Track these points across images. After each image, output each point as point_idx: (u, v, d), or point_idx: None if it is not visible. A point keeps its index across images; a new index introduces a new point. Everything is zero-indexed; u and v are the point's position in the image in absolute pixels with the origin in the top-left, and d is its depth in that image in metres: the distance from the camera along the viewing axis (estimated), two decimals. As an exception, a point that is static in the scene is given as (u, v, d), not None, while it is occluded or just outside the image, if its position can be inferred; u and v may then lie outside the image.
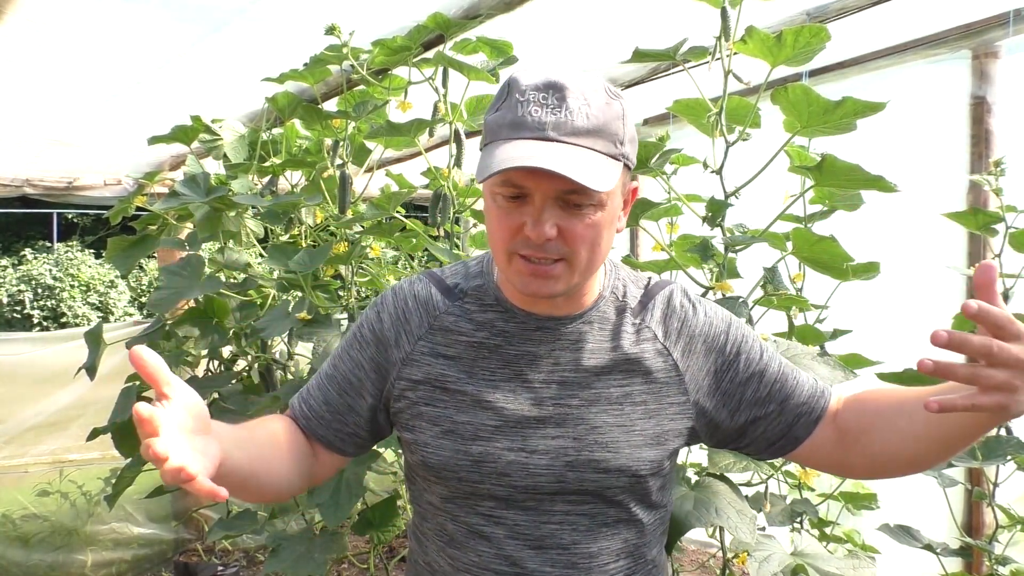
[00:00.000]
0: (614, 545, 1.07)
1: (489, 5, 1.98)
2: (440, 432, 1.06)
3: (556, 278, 0.99)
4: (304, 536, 2.10)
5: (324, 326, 2.03)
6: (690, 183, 1.91)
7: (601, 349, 1.07)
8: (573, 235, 0.96)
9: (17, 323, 9.58)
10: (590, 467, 1.04)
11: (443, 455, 1.05)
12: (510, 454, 1.04)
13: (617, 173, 0.95)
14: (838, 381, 1.44)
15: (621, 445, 1.04)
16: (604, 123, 0.95)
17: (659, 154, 1.66)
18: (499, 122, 0.96)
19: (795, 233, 1.64)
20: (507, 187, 0.96)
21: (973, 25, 2.33)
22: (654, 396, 1.07)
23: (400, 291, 1.14)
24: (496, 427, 1.05)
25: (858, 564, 1.51)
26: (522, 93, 0.95)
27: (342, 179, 2.22)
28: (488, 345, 1.08)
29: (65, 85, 2.67)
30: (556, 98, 0.94)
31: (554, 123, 0.93)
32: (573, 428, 1.04)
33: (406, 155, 3.54)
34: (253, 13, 2.16)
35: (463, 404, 1.06)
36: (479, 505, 1.07)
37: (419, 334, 1.10)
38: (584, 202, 0.95)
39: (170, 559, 3.53)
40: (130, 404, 2.37)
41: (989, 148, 2.37)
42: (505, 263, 1.01)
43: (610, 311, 1.10)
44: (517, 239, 0.98)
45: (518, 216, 0.97)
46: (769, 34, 1.50)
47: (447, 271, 1.16)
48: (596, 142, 0.94)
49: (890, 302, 2.46)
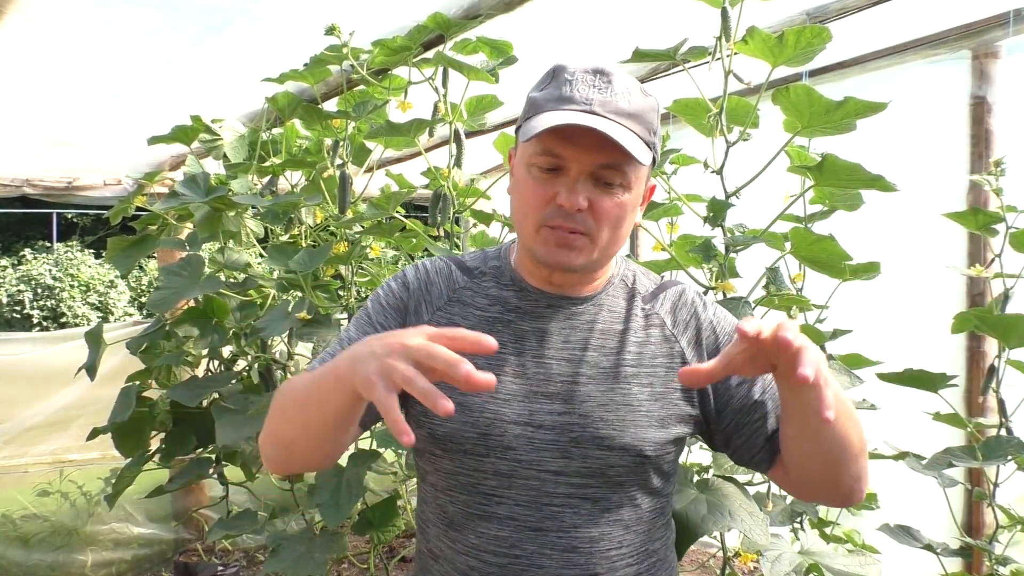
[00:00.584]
0: (615, 532, 1.07)
1: (489, 5, 1.98)
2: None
3: (579, 250, 1.03)
4: (304, 536, 2.10)
5: (324, 326, 2.03)
6: (690, 183, 1.91)
7: (611, 330, 1.11)
8: (601, 211, 1.02)
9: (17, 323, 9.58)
10: (594, 443, 1.05)
11: (450, 426, 1.06)
12: (516, 427, 1.05)
13: (649, 158, 1.02)
14: (844, 386, 1.44)
15: (627, 424, 1.06)
16: (643, 111, 1.02)
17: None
18: (546, 97, 1.03)
19: (794, 233, 1.64)
20: (546, 157, 1.01)
21: (973, 25, 2.33)
22: (660, 379, 1.09)
23: (422, 267, 1.18)
24: (504, 400, 1.06)
25: (864, 561, 1.51)
26: (571, 74, 1.03)
27: (342, 179, 2.21)
28: (501, 320, 1.11)
29: (65, 85, 2.67)
30: (603, 81, 1.01)
31: (601, 100, 1.00)
32: (580, 405, 1.06)
33: (406, 155, 3.54)
34: (253, 13, 2.16)
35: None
36: (482, 483, 1.07)
37: (438, 305, 1.13)
38: (615, 180, 1.01)
39: (170, 559, 3.53)
40: (130, 404, 2.38)
41: (989, 148, 2.37)
42: (532, 233, 1.05)
43: (620, 295, 1.14)
44: (548, 208, 1.02)
45: (551, 187, 1.02)
46: (771, 34, 1.50)
47: (466, 256, 1.21)
48: (636, 126, 1.01)
49: (890, 302, 2.46)
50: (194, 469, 2.47)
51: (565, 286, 1.11)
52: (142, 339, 2.50)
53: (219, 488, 2.97)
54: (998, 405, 1.98)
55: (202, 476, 2.51)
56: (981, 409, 2.23)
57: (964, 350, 2.38)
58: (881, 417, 1.94)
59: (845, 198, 1.76)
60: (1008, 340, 1.81)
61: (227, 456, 2.51)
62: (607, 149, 0.98)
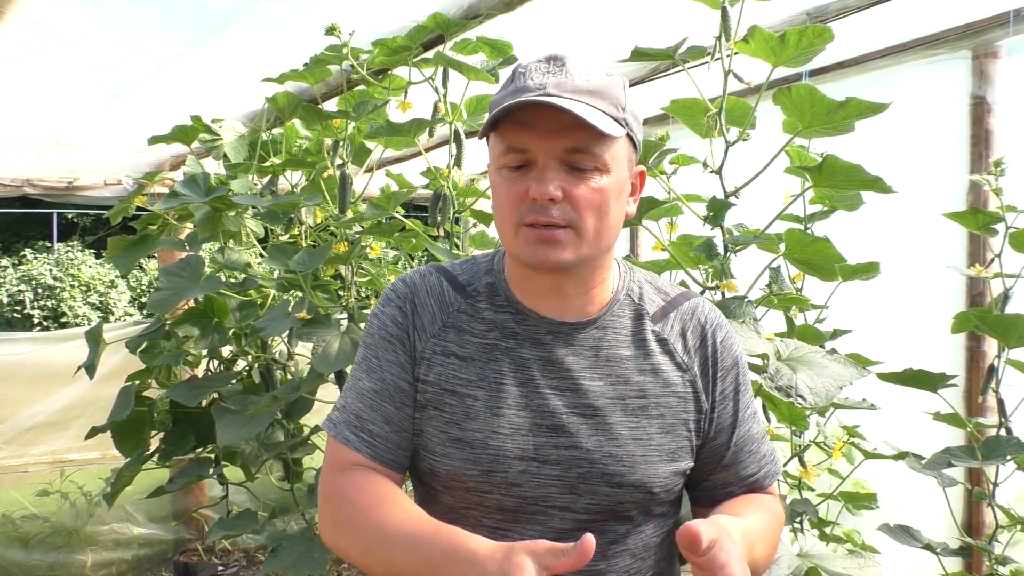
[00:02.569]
0: (623, 562, 1.04)
1: (489, 5, 1.98)
2: (448, 440, 1.02)
3: (564, 244, 0.97)
4: (304, 536, 2.10)
5: (324, 326, 2.03)
6: (690, 183, 1.91)
7: (617, 357, 1.05)
8: (577, 199, 0.96)
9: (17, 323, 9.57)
10: (603, 481, 1.00)
11: (451, 464, 1.01)
12: (520, 463, 1.00)
13: (619, 132, 0.96)
14: (852, 378, 1.44)
15: (637, 460, 1.01)
16: (605, 87, 0.97)
17: (658, 153, 1.65)
18: (503, 95, 0.98)
19: (788, 235, 1.63)
20: (511, 154, 0.97)
21: (973, 25, 2.33)
22: (671, 410, 1.05)
23: (412, 284, 1.10)
24: (507, 435, 1.01)
25: (863, 563, 1.51)
26: (525, 67, 0.99)
27: (342, 179, 2.21)
28: (500, 347, 1.04)
29: (65, 85, 2.67)
30: (556, 65, 0.97)
31: (556, 83, 0.95)
32: (587, 439, 1.01)
33: (406, 155, 3.54)
34: (253, 13, 2.16)
35: (472, 409, 1.02)
36: (485, 517, 1.03)
37: (432, 332, 1.06)
38: (588, 164, 0.96)
39: (170, 559, 3.53)
40: (130, 403, 2.38)
41: (989, 148, 2.37)
42: (512, 237, 0.99)
43: (626, 316, 1.07)
44: (522, 206, 0.97)
45: (523, 183, 0.97)
46: (772, 34, 1.50)
47: (456, 267, 1.13)
48: (597, 101, 0.95)
49: (890, 302, 2.47)
50: (194, 469, 2.47)
51: (563, 307, 1.04)
52: (142, 339, 2.50)
53: (219, 488, 2.97)
54: (998, 405, 1.98)
55: (202, 476, 2.51)
56: (981, 409, 2.23)
57: (964, 350, 2.38)
58: (881, 417, 1.94)
59: (845, 198, 1.76)
60: (1007, 340, 1.81)
61: (227, 456, 2.51)
62: (570, 130, 0.93)
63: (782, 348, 1.51)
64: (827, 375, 1.42)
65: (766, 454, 1.14)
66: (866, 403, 1.85)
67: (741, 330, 1.47)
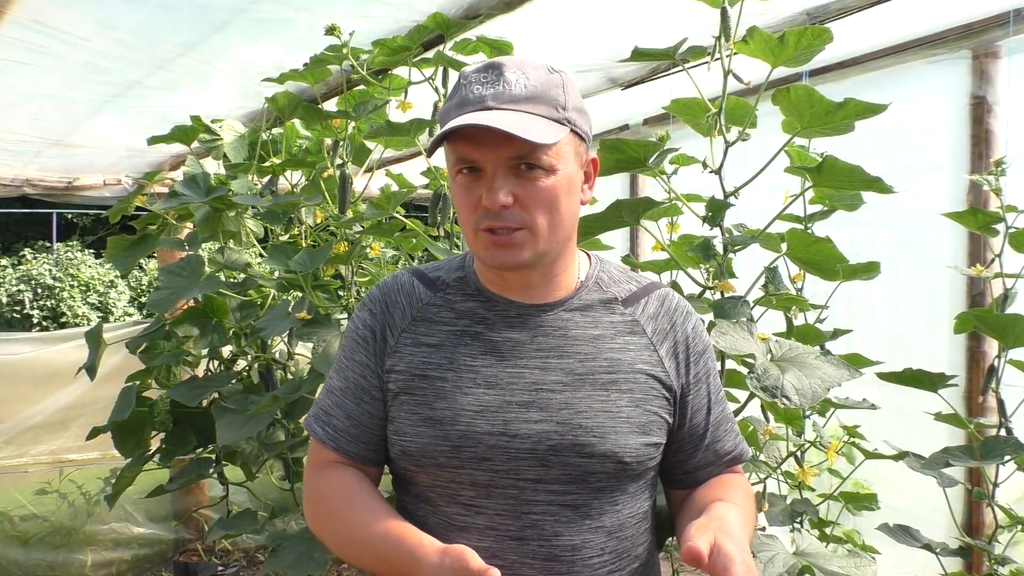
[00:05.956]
0: (597, 539, 1.07)
1: (489, 5, 1.98)
2: (419, 420, 1.07)
3: (520, 246, 1.03)
4: (304, 536, 2.10)
5: (324, 326, 2.03)
6: (690, 183, 1.91)
7: (586, 336, 1.10)
8: (527, 200, 1.01)
9: (17, 323, 9.56)
10: (574, 451, 1.04)
11: (421, 442, 1.06)
12: (491, 438, 1.04)
13: (559, 134, 1.00)
14: (844, 379, 1.43)
15: (607, 430, 1.05)
16: (543, 91, 1.01)
17: (657, 153, 1.65)
18: (448, 108, 1.04)
19: (790, 234, 1.63)
20: (461, 164, 1.03)
21: (973, 25, 2.33)
22: (639, 386, 1.09)
23: (383, 286, 1.17)
24: (476, 411, 1.05)
25: (860, 563, 1.50)
26: (466, 78, 1.03)
27: (342, 179, 2.21)
28: (470, 332, 1.10)
29: (65, 85, 2.67)
30: (494, 75, 1.02)
31: (493, 94, 1.00)
32: (556, 412, 1.05)
33: (406, 155, 3.54)
34: (253, 13, 2.16)
35: (442, 390, 1.07)
36: (459, 495, 1.06)
37: (403, 326, 1.12)
38: (534, 165, 1.00)
39: (170, 559, 3.53)
40: (130, 404, 2.38)
41: (989, 148, 2.37)
42: (473, 240, 1.06)
43: (593, 300, 1.13)
44: (479, 212, 1.03)
45: (476, 191, 1.03)
46: (771, 34, 1.50)
47: (429, 267, 1.20)
48: (536, 107, 1.00)
49: (890, 302, 2.47)
50: (194, 469, 2.47)
51: (527, 290, 1.10)
52: (142, 339, 2.50)
53: (219, 488, 2.97)
54: (998, 405, 1.98)
55: (202, 476, 2.50)
56: (981, 409, 2.23)
57: (964, 350, 2.38)
58: (881, 417, 1.94)
59: (845, 198, 1.76)
60: (1007, 340, 1.81)
61: (227, 456, 2.51)
62: (512, 140, 0.97)
63: (775, 348, 1.51)
64: (816, 376, 1.42)
65: (737, 432, 1.22)
66: (866, 403, 1.85)
67: (733, 330, 1.47)
